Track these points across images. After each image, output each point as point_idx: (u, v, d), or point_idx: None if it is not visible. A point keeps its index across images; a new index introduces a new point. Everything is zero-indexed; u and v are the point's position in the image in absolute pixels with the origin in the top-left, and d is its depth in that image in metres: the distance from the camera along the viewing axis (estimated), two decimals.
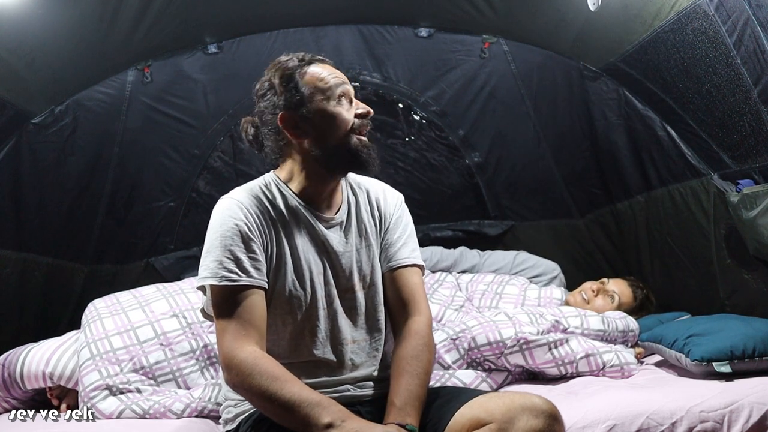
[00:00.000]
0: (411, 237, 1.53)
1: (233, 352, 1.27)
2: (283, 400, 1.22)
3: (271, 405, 1.24)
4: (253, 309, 1.32)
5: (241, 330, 1.29)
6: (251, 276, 1.34)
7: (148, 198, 2.80)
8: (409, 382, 1.30)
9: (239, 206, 1.38)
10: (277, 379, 1.24)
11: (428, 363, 1.35)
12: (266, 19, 2.62)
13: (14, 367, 1.82)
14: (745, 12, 1.73)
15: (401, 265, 1.47)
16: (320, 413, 1.19)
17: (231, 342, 1.28)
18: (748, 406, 1.54)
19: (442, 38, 2.75)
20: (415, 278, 1.47)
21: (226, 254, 1.33)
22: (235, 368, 1.26)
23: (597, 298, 2.39)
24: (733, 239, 2.15)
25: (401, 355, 1.36)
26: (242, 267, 1.33)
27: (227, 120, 2.79)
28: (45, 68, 2.19)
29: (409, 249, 1.50)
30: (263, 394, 1.23)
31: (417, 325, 1.40)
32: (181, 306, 1.97)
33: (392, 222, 1.52)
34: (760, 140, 1.89)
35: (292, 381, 1.25)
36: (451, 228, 2.99)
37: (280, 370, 1.26)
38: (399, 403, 1.27)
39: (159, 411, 1.72)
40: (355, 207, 1.50)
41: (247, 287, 1.33)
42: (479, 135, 2.93)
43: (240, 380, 1.26)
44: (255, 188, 1.44)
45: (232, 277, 1.32)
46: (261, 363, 1.26)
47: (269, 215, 1.41)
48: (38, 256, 2.44)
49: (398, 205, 1.55)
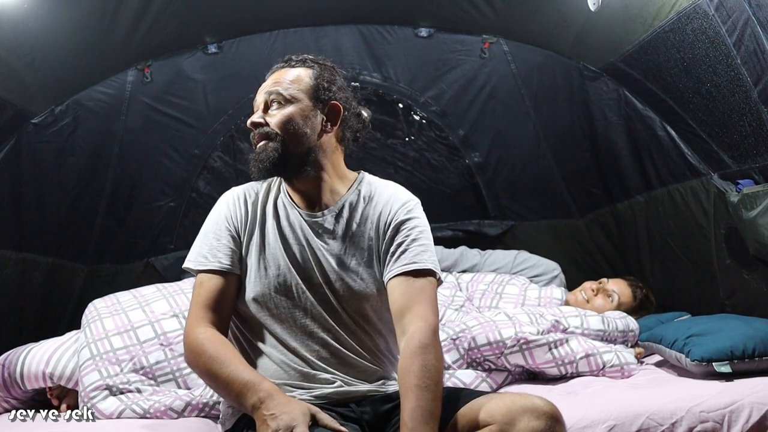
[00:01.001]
0: (415, 241, 1.43)
1: (189, 332, 1.36)
2: (220, 379, 1.28)
3: (214, 384, 1.33)
4: (218, 293, 1.40)
5: (200, 312, 1.38)
6: (220, 262, 1.42)
7: (148, 198, 2.80)
8: (420, 396, 1.22)
9: (232, 197, 1.51)
10: (218, 360, 1.30)
11: (437, 372, 1.28)
12: (266, 19, 2.61)
13: (14, 367, 1.82)
14: (745, 12, 1.73)
15: (400, 272, 1.40)
16: (246, 394, 1.25)
17: (191, 322, 1.38)
18: (748, 406, 1.54)
19: (442, 38, 2.74)
20: (418, 284, 1.39)
21: (205, 240, 1.46)
22: (187, 347, 1.36)
23: (597, 297, 2.39)
24: (733, 239, 2.15)
25: (407, 368, 1.28)
26: (213, 253, 1.43)
27: (227, 120, 2.80)
28: (45, 68, 2.19)
29: (411, 254, 1.41)
30: (207, 372, 1.31)
31: (420, 334, 1.31)
32: (181, 306, 1.97)
33: (395, 230, 1.45)
34: (760, 140, 1.89)
35: (230, 362, 1.30)
36: (451, 228, 2.99)
37: (225, 352, 1.32)
38: (412, 424, 1.19)
39: (159, 411, 1.72)
40: (351, 210, 1.47)
41: (215, 272, 1.42)
42: (479, 135, 2.93)
43: (190, 359, 1.36)
44: (260, 183, 1.53)
45: (203, 261, 1.43)
46: (209, 344, 1.33)
47: (256, 208, 1.49)
48: (38, 256, 2.44)
49: (404, 211, 1.47)
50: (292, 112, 1.43)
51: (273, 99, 1.45)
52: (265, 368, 1.39)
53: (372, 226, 1.47)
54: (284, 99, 1.44)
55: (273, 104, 1.45)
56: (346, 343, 1.41)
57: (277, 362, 1.39)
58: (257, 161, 1.43)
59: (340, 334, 1.41)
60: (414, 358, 1.28)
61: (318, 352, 1.39)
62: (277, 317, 1.41)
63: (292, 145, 1.43)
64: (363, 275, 1.44)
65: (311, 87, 1.46)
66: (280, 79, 1.46)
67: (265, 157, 1.42)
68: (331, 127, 1.47)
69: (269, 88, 1.46)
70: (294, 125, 1.42)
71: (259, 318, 1.42)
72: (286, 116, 1.43)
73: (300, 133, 1.43)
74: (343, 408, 1.35)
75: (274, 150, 1.41)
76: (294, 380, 1.37)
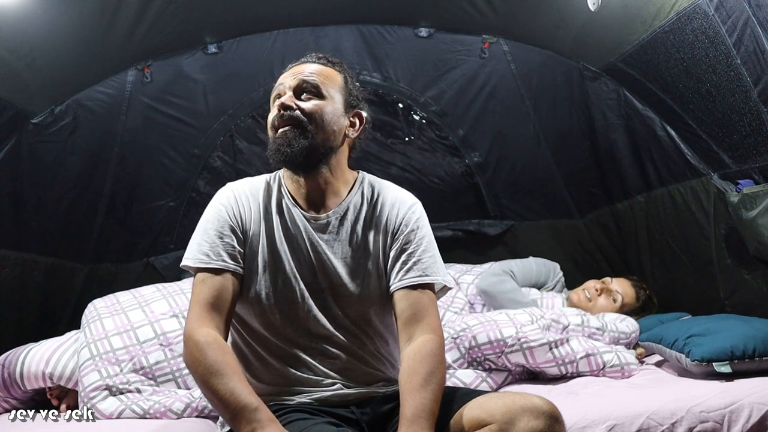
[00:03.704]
0: (426, 251, 1.43)
1: (191, 331, 1.30)
2: (218, 395, 1.22)
3: (209, 395, 1.25)
4: (221, 292, 1.35)
5: (203, 311, 1.33)
6: (223, 260, 1.37)
7: (148, 198, 2.80)
8: (423, 396, 1.24)
9: (231, 193, 1.45)
10: (216, 373, 1.24)
11: (441, 380, 1.30)
12: (266, 19, 2.62)
13: (14, 367, 1.82)
14: (745, 12, 1.74)
15: (413, 284, 1.40)
16: (242, 421, 1.19)
17: (192, 321, 1.32)
18: (748, 407, 1.54)
19: (442, 38, 2.75)
20: (428, 296, 1.40)
21: (205, 237, 1.40)
22: (189, 347, 1.29)
23: (600, 297, 2.39)
24: (733, 239, 2.15)
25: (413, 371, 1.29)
26: (216, 251, 1.38)
27: (227, 120, 2.80)
28: (45, 68, 2.19)
29: (423, 266, 1.41)
30: (203, 383, 1.25)
31: (432, 344, 1.32)
32: (180, 306, 1.97)
33: (404, 235, 1.44)
34: (760, 140, 1.89)
35: (230, 378, 1.24)
36: (451, 228, 3.00)
37: (223, 363, 1.25)
38: (410, 415, 1.22)
39: (159, 411, 1.72)
40: (356, 212, 1.46)
41: (218, 270, 1.37)
42: (479, 135, 2.93)
43: (190, 361, 1.28)
44: (258, 180, 1.49)
45: (204, 259, 1.37)
46: (208, 350, 1.26)
47: (258, 206, 1.44)
48: (38, 255, 2.44)
49: (412, 217, 1.46)
50: (326, 106, 1.42)
51: (307, 87, 1.41)
52: (264, 370, 1.39)
53: (377, 229, 1.46)
54: (319, 92, 1.41)
55: (305, 93, 1.41)
56: (347, 346, 1.40)
57: (277, 365, 1.38)
58: (284, 146, 1.38)
59: (341, 338, 1.40)
60: (422, 363, 1.29)
61: (318, 355, 1.39)
62: (279, 319, 1.39)
63: (320, 140, 1.40)
64: (367, 280, 1.43)
65: (344, 89, 1.46)
66: (315, 71, 1.43)
67: (295, 147, 1.37)
68: (353, 133, 1.48)
69: (305, 75, 1.42)
70: (326, 120, 1.41)
71: (259, 319, 1.40)
72: (321, 108, 1.41)
73: (329, 130, 1.42)
74: (343, 410, 1.34)
75: (304, 140, 1.38)
76: (294, 383, 1.37)
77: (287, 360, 1.38)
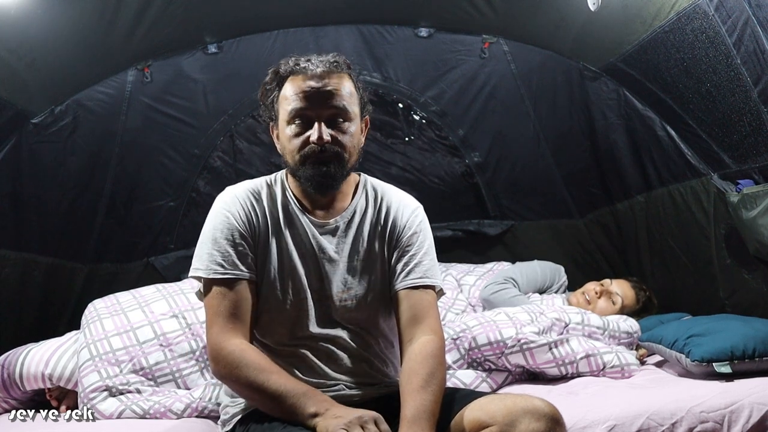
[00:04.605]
0: (427, 254, 1.45)
1: (221, 344, 1.30)
2: (269, 390, 1.25)
3: (258, 395, 1.27)
4: (241, 302, 1.35)
5: (228, 323, 1.32)
6: (239, 269, 1.36)
7: (148, 198, 2.80)
8: (423, 397, 1.25)
9: (235, 199, 1.42)
10: (264, 371, 1.27)
11: (442, 381, 1.31)
12: (266, 19, 2.62)
13: (14, 367, 1.82)
14: (745, 12, 1.74)
15: (414, 285, 1.41)
16: (306, 403, 1.22)
17: (218, 334, 1.31)
18: (748, 407, 1.54)
19: (442, 38, 2.75)
20: (429, 297, 1.42)
21: (216, 247, 1.37)
22: (222, 360, 1.29)
23: (600, 299, 2.39)
24: (733, 239, 2.15)
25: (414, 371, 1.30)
26: (230, 260, 1.36)
27: (227, 120, 2.80)
28: (45, 68, 2.19)
29: (423, 268, 1.43)
30: (251, 385, 1.27)
31: (433, 345, 1.34)
32: (180, 306, 1.97)
33: (406, 238, 1.46)
34: (760, 140, 1.89)
35: (278, 372, 1.28)
36: (450, 228, 3.00)
37: (266, 362, 1.30)
38: (411, 416, 1.22)
39: (159, 411, 1.72)
40: (361, 216, 1.47)
41: (235, 280, 1.36)
42: (479, 135, 2.93)
43: (227, 372, 1.29)
44: (259, 183, 1.47)
45: (220, 270, 1.35)
46: (247, 355, 1.29)
47: (264, 211, 1.43)
48: (38, 255, 2.44)
49: (415, 221, 1.48)
50: (353, 128, 1.40)
51: (338, 114, 1.37)
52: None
53: (382, 232, 1.47)
54: (347, 116, 1.38)
55: (338, 119, 1.37)
56: (351, 348, 1.41)
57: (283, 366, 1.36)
58: (327, 180, 1.37)
59: (346, 341, 1.41)
60: (423, 364, 1.30)
61: (324, 357, 1.39)
62: (286, 322, 1.40)
63: (352, 163, 1.42)
64: (374, 282, 1.44)
65: (360, 101, 1.44)
66: (339, 90, 1.37)
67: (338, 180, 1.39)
68: (363, 139, 1.47)
69: (335, 101, 1.36)
70: (355, 143, 1.41)
71: (266, 321, 1.40)
72: (352, 134, 1.39)
73: (358, 151, 1.43)
74: None
75: (343, 170, 1.38)
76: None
77: (293, 361, 1.38)
